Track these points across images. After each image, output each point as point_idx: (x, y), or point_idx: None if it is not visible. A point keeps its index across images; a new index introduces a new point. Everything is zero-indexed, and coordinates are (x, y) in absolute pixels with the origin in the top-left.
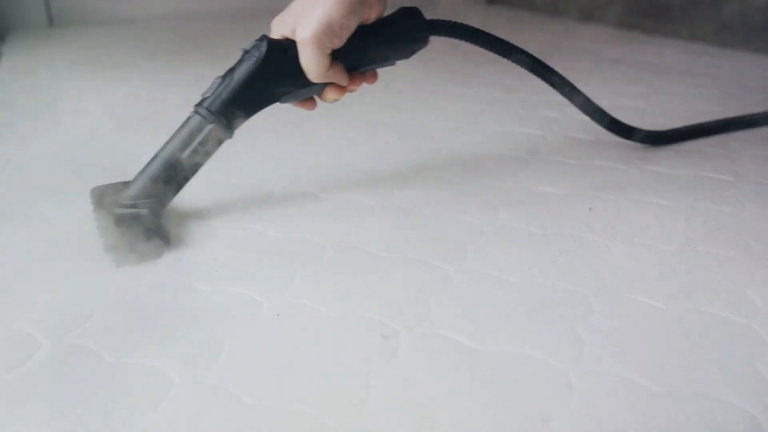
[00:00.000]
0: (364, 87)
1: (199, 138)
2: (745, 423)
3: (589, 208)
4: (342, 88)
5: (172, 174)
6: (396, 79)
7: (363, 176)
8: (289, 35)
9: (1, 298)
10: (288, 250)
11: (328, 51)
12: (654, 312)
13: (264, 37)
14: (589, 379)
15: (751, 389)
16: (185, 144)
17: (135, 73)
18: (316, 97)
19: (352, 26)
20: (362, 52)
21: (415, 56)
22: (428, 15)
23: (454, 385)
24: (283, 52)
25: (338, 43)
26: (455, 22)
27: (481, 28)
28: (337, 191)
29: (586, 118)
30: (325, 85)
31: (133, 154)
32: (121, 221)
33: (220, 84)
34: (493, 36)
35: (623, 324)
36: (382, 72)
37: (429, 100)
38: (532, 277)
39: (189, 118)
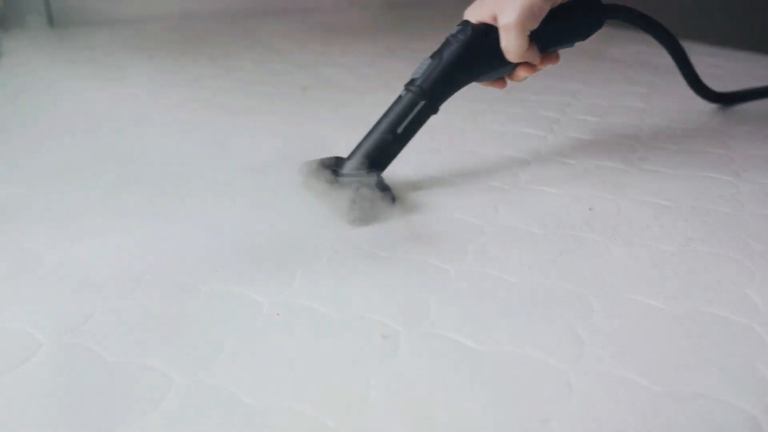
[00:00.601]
0: (365, 86)
1: (412, 114)
2: (745, 423)
3: (589, 208)
4: (533, 67)
5: (388, 146)
6: (396, 78)
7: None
8: (488, 21)
9: (1, 297)
10: (288, 250)
11: (528, 33)
12: (654, 312)
13: (468, 23)
14: (589, 379)
15: (751, 389)
16: (400, 119)
17: (135, 73)
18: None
19: (547, 9)
20: (551, 33)
21: (414, 56)
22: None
23: (454, 385)
24: (485, 35)
25: (535, 25)
26: (629, 8)
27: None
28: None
29: (586, 118)
30: (516, 65)
31: (135, 154)
32: (351, 187)
33: (430, 65)
34: (664, 29)
35: (623, 324)
36: (382, 70)
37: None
38: (532, 277)
39: (401, 96)
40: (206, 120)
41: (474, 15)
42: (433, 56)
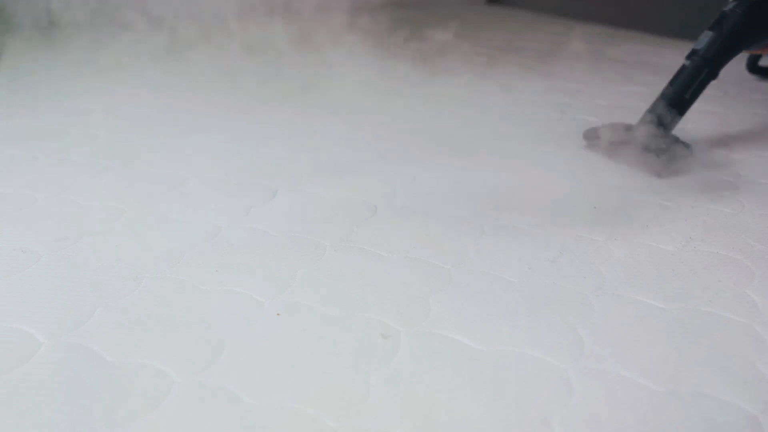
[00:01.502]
0: (359, 85)
1: (698, 81)
2: (745, 423)
3: (593, 207)
4: None
5: (677, 109)
6: (397, 78)
7: (364, 176)
8: None
9: (1, 297)
10: (288, 250)
11: None
12: (654, 312)
13: None
14: (589, 379)
15: (751, 389)
16: (687, 85)
17: (135, 73)
18: None
19: None
20: None
21: (414, 57)
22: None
23: (454, 385)
24: (758, 7)
25: None
26: None
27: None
28: (338, 191)
29: (586, 118)
30: None
31: (137, 154)
32: (661, 145)
33: (711, 37)
34: None
35: (623, 324)
36: (382, 70)
37: (429, 100)
38: (532, 277)
39: (684, 66)
40: (205, 119)
41: None
42: (712, 28)
